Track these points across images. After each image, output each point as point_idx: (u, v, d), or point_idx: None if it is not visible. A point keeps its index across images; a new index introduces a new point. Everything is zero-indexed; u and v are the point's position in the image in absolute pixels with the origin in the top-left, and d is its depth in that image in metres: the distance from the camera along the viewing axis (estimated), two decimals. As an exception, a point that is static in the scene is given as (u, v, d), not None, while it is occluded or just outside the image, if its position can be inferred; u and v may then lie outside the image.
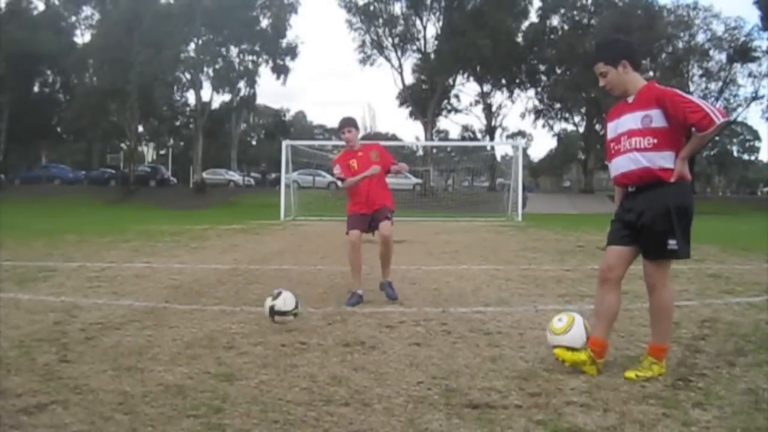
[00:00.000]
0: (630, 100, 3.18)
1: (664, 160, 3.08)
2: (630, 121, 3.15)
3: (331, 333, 4.06)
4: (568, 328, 3.26)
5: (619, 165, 3.22)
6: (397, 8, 42.42)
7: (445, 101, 47.40)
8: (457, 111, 48.87)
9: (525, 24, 44.17)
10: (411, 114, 46.31)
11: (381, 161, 5.27)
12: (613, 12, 40.72)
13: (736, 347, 3.71)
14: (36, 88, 47.52)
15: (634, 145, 3.12)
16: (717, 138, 55.37)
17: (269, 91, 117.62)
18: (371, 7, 41.78)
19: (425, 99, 44.03)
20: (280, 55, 43.48)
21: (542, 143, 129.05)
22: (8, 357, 3.38)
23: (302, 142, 29.58)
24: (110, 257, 8.34)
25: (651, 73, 40.46)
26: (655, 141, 3.07)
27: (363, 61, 43.66)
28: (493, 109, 48.48)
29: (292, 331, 4.10)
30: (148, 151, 60.97)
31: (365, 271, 5.51)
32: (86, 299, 5.15)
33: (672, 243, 3.08)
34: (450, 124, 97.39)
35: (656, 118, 3.08)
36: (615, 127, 3.25)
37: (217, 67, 41.67)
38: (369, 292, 5.71)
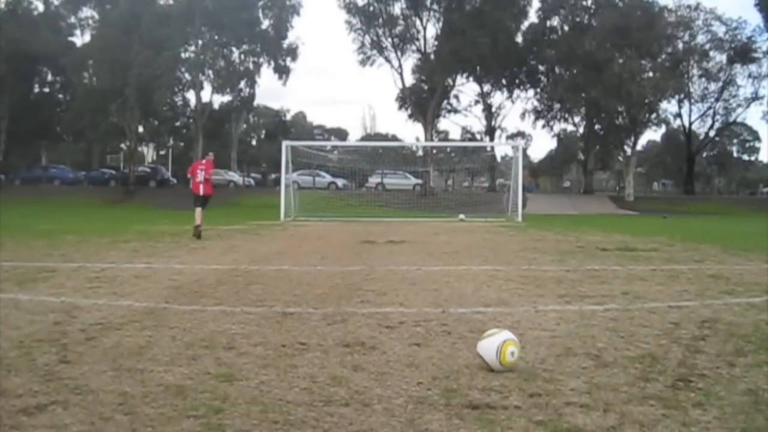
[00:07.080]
0: None
1: None
2: None
3: (331, 333, 4.05)
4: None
5: None
6: (397, 8, 42.44)
7: (445, 102, 47.39)
8: (456, 112, 48.85)
9: (525, 24, 44.20)
10: (411, 115, 46.30)
11: None
12: (613, 12, 40.70)
13: (736, 348, 3.71)
14: (36, 89, 47.48)
15: None
16: (717, 138, 55.33)
17: (269, 92, 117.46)
18: (371, 8, 41.76)
19: (425, 99, 44.02)
20: (281, 56, 43.48)
21: (542, 144, 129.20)
22: (8, 357, 3.38)
23: (302, 142, 29.55)
24: (110, 258, 8.33)
25: (651, 74, 40.51)
26: None
27: (363, 62, 43.71)
28: (493, 109, 48.48)
29: (292, 331, 4.10)
30: (148, 152, 60.99)
31: (365, 272, 5.50)
32: (86, 300, 5.15)
33: None
34: (450, 125, 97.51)
35: None
36: None
37: (217, 68, 41.67)
38: (368, 292, 5.72)
